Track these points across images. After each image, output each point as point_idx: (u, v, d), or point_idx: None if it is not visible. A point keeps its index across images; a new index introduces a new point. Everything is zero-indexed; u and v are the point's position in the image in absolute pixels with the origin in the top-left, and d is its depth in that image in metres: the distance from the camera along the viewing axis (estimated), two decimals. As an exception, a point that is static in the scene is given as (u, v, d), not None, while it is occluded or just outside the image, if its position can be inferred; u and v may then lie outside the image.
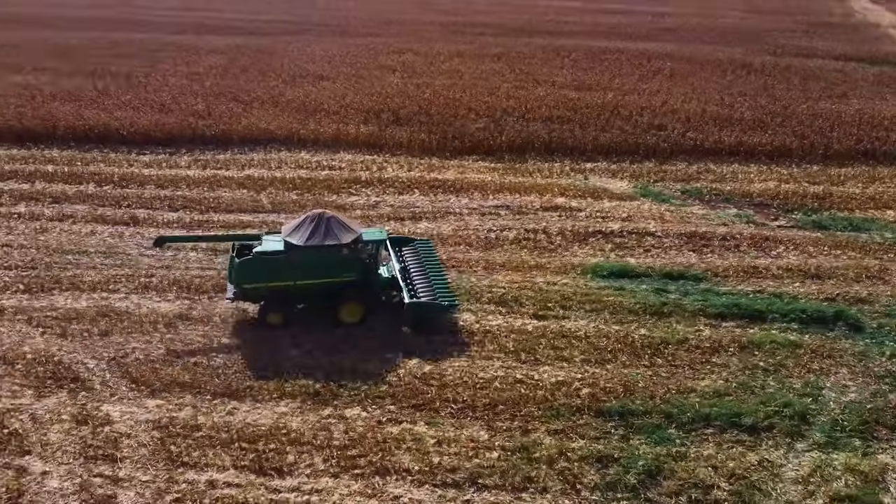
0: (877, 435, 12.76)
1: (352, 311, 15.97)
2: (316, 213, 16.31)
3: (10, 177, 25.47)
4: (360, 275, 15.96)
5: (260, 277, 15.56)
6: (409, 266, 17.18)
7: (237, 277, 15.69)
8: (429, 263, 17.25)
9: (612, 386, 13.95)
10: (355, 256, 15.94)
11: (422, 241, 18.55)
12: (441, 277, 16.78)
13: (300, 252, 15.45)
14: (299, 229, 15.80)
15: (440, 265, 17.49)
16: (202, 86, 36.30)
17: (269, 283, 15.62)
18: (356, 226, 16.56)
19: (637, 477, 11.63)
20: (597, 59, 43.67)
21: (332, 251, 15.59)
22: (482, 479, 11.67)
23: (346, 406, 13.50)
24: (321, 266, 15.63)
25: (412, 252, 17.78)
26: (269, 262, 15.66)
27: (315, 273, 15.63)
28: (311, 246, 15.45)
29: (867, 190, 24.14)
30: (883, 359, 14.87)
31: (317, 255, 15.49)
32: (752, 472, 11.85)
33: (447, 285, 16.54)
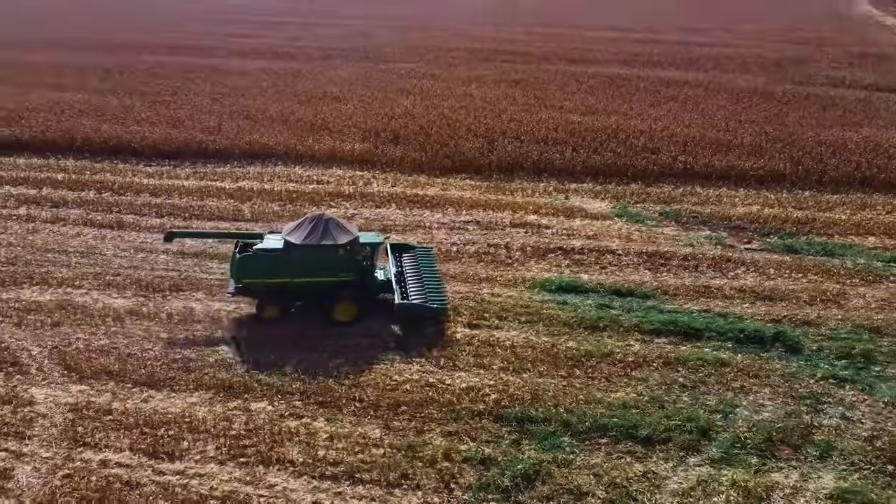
0: (777, 454, 12.36)
1: (345, 310, 16.45)
2: (315, 214, 17.01)
3: (22, 182, 27.14)
4: (356, 275, 16.48)
5: (259, 273, 16.26)
6: (406, 270, 17.61)
7: (237, 273, 16.40)
8: (426, 269, 17.67)
9: (520, 393, 13.93)
10: (351, 257, 16.43)
11: (423, 249, 19.06)
12: (436, 282, 17.18)
13: (298, 250, 16.04)
14: (298, 229, 16.44)
15: (436, 271, 17.87)
16: (221, 105, 37.87)
17: (267, 280, 16.31)
18: (354, 228, 17.09)
19: (512, 480, 11.60)
20: (613, 85, 43.65)
21: (329, 251, 16.11)
22: (360, 474, 11.84)
23: (255, 399, 13.89)
24: (317, 265, 16.15)
25: (412, 258, 18.26)
26: (268, 259, 16.28)
27: (311, 271, 16.15)
28: (308, 245, 16.04)
29: (854, 216, 23.38)
30: (811, 381, 14.39)
31: (313, 254, 16.04)
32: (633, 483, 11.66)
33: (440, 290, 16.87)
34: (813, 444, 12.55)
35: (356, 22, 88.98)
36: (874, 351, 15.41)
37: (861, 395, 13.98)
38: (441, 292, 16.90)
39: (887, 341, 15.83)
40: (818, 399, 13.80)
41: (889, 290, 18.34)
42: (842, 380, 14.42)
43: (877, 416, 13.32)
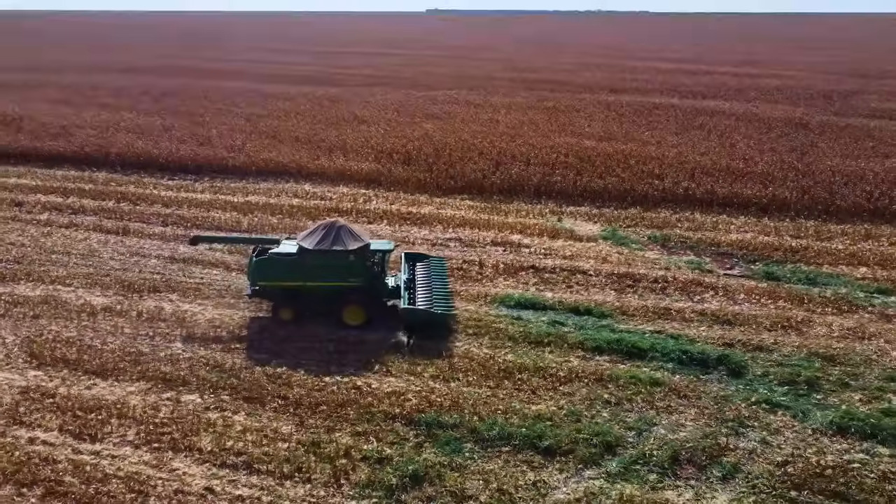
0: (679, 473, 12.07)
1: (354, 313, 17.02)
2: (329, 221, 17.76)
3: (53, 192, 29.20)
4: (366, 281, 17.02)
5: (274, 276, 17.02)
6: (416, 278, 18.18)
7: (254, 275, 17.23)
8: (436, 277, 18.24)
9: (441, 400, 14.08)
10: (361, 263, 16.95)
11: (436, 259, 19.68)
12: (443, 290, 17.68)
13: (310, 255, 16.72)
14: (312, 235, 17.19)
15: (446, 280, 18.40)
16: (254, 126, 39.74)
17: (281, 282, 17.05)
18: (366, 236, 17.68)
19: (401, 479, 11.74)
20: (644, 113, 43.47)
21: (340, 256, 16.71)
22: (258, 465, 12.23)
23: (188, 392, 14.52)
24: (329, 269, 16.77)
25: (424, 267, 18.89)
26: (283, 262, 17.00)
27: (323, 275, 16.80)
28: (320, 250, 16.72)
29: (853, 247, 22.51)
30: (742, 404, 13.97)
31: (325, 259, 16.69)
32: (520, 490, 11.62)
33: (447, 297, 17.34)
34: (719, 466, 12.18)
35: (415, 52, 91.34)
36: (821, 379, 14.82)
37: (791, 421, 13.47)
38: (448, 299, 17.30)
39: (838, 370, 15.19)
40: (742, 422, 13.37)
41: (859, 319, 17.58)
42: (776, 405, 13.93)
43: (799, 443, 12.82)
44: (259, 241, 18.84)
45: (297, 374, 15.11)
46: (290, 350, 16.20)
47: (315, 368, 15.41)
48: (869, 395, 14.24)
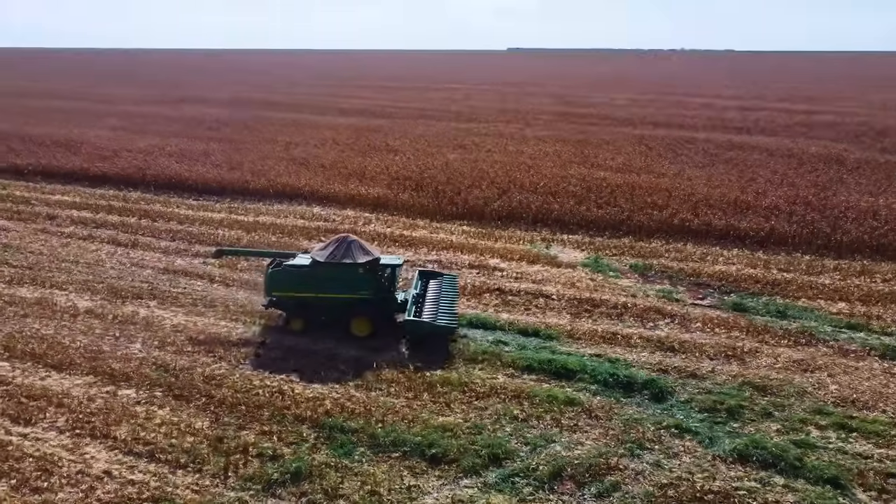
0: (556, 488, 12.06)
1: (361, 325, 17.74)
2: (342, 235, 18.68)
3: (87, 208, 31.56)
4: (375, 294, 17.69)
5: (287, 287, 17.89)
6: (426, 293, 18.91)
7: (268, 286, 18.18)
8: (445, 293, 18.83)
9: (354, 407, 14.52)
10: (370, 277, 17.68)
11: (448, 276, 20.34)
12: (450, 305, 18.17)
13: (322, 267, 17.56)
14: (325, 248, 18.15)
15: (454, 296, 18.92)
16: (287, 153, 41.68)
17: (294, 293, 17.89)
18: (376, 251, 18.48)
19: (282, 475, 12.24)
20: (674, 147, 43.08)
21: (350, 269, 17.49)
22: (159, 454, 12.97)
23: (126, 388, 15.51)
24: (339, 281, 17.55)
25: (436, 283, 19.56)
26: (295, 274, 17.89)
27: (333, 287, 17.57)
28: (331, 262, 17.57)
29: (841, 282, 21.66)
30: (651, 428, 13.76)
31: (335, 272, 17.49)
32: (392, 493, 11.89)
33: (452, 312, 17.82)
34: (599, 483, 12.09)
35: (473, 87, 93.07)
36: (745, 408, 14.42)
37: (694, 447, 13.19)
38: (452, 313, 17.75)
39: (766, 400, 14.74)
40: (642, 444, 13.19)
41: (813, 353, 16.96)
42: (686, 430, 13.66)
43: (692, 467, 12.55)
44: (277, 255, 19.67)
45: (231, 377, 15.89)
46: (238, 356, 17.02)
47: (250, 372, 16.18)
48: (788, 427, 13.78)
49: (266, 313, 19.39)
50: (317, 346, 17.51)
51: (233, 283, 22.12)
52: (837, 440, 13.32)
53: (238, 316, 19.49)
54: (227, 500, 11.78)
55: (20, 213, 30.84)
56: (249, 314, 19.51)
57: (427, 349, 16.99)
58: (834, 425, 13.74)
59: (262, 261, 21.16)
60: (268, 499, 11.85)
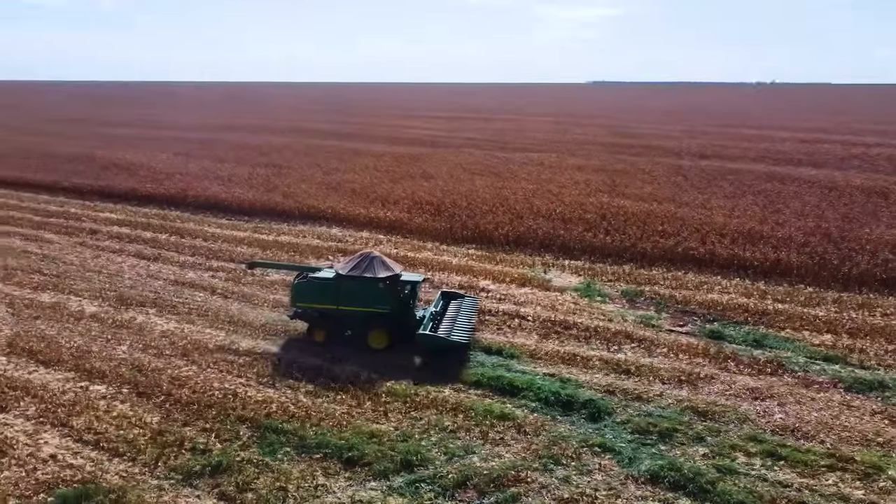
0: (457, 495, 12.27)
1: (378, 338, 18.39)
2: (366, 251, 19.49)
3: (126, 224, 33.88)
4: (393, 308, 18.18)
5: (310, 299, 18.76)
6: (445, 311, 19.59)
7: (293, 297, 19.12)
8: (464, 312, 19.46)
9: (297, 411, 15.14)
10: (389, 291, 18.26)
11: (470, 297, 20.96)
12: (466, 323, 18.71)
13: (344, 280, 18.36)
14: (349, 262, 18.99)
15: (472, 315, 19.49)
16: (325, 178, 43.36)
17: (317, 305, 18.77)
18: (397, 267, 19.18)
19: (203, 468, 12.98)
20: (710, 178, 42.41)
21: (370, 283, 18.20)
22: (104, 443, 13.94)
23: (99, 384, 16.69)
24: (360, 295, 18.24)
25: (457, 303, 20.24)
26: (319, 286, 18.76)
27: (354, 300, 18.31)
28: (352, 276, 18.37)
29: (836, 315, 20.84)
30: (575, 444, 13.77)
31: (356, 285, 18.21)
32: (300, 490, 12.40)
33: (466, 330, 18.30)
34: (501, 493, 12.24)
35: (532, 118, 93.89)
36: (679, 431, 14.20)
37: (611, 465, 13.13)
38: (466, 331, 18.20)
39: (704, 425, 14.46)
40: (559, 460, 13.25)
41: (772, 382, 16.45)
42: (609, 449, 13.61)
43: (601, 485, 12.49)
44: (306, 269, 20.57)
45: (195, 379, 16.85)
46: (209, 361, 18.03)
47: (215, 376, 17.11)
48: (716, 452, 13.50)
49: (250, 322, 20.45)
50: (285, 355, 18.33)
51: (230, 295, 23.31)
52: (761, 467, 12.97)
53: (223, 325, 20.57)
54: (148, 487, 12.60)
55: (68, 227, 33.38)
56: (234, 323, 20.58)
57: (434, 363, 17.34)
58: (763, 453, 13.38)
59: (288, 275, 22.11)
60: (184, 488, 12.60)
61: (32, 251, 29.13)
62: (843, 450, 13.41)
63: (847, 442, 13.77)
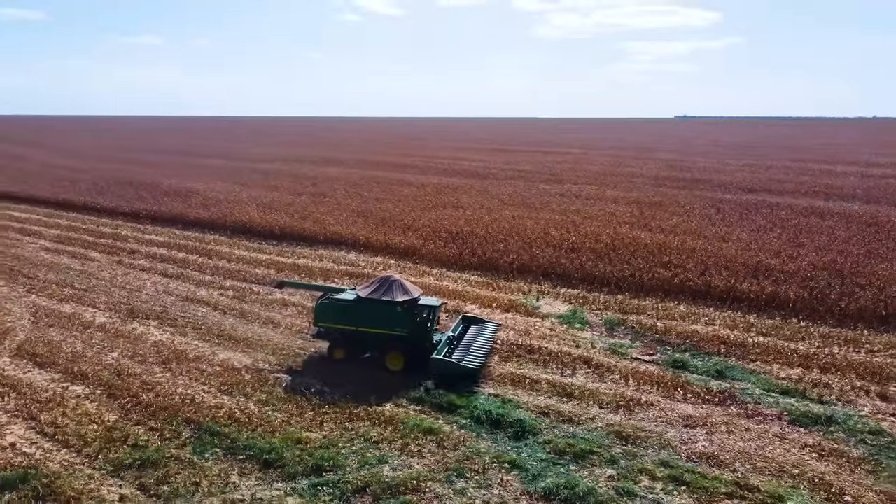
0: (352, 499, 12.85)
1: (394, 360, 18.89)
2: (386, 275, 20.26)
3: (164, 245, 36.25)
4: (411, 332, 18.52)
5: (331, 319, 19.56)
6: (463, 336, 20.05)
7: (315, 317, 19.98)
8: (481, 338, 19.93)
9: (242, 417, 16.03)
10: (407, 315, 18.51)
11: (491, 323, 21.43)
12: (480, 349, 19.07)
13: (363, 303, 18.72)
14: (369, 286, 19.79)
15: (488, 342, 19.87)
16: (360, 206, 44.91)
17: (337, 325, 19.19)
18: (416, 291, 19.29)
19: (133, 461, 14.05)
20: (745, 211, 41.59)
21: (388, 307, 18.46)
22: (59, 436, 15.27)
23: (80, 385, 18.12)
24: (378, 317, 18.54)
25: (476, 328, 20.74)
26: (340, 307, 19.53)
27: (373, 322, 18.63)
28: (371, 299, 18.72)
29: (817, 350, 20.21)
30: (487, 459, 14.10)
31: (375, 308, 18.51)
32: (211, 486, 13.24)
33: (479, 356, 18.69)
34: (394, 500, 12.73)
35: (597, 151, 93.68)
36: (594, 454, 14.26)
37: (513, 481, 13.36)
38: (479, 357, 18.52)
39: (622, 449, 14.46)
40: (463, 473, 13.61)
41: (713, 411, 16.22)
42: (517, 466, 13.84)
43: (495, 499, 12.77)
44: (331, 290, 21.27)
45: (164, 385, 18.12)
46: (184, 369, 19.32)
47: (182, 383, 18.33)
48: (623, 474, 13.54)
49: (236, 336, 21.75)
50: (254, 365, 19.41)
51: (229, 312, 24.73)
52: (661, 492, 12.94)
53: (210, 337, 21.90)
54: (80, 475, 13.77)
55: (112, 247, 36.06)
56: (221, 336, 21.90)
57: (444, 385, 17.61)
58: (668, 478, 13.31)
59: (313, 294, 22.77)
60: (111, 478, 13.70)
61: (74, 267, 31.67)
62: (751, 479, 13.18)
63: (760, 472, 13.51)
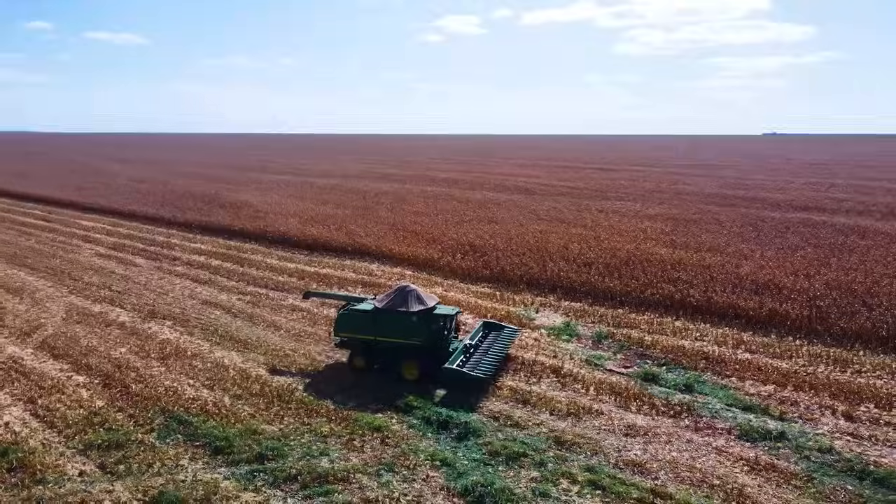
0: (282, 486, 13.66)
1: (410, 369, 18.76)
2: (403, 284, 20.81)
3: (204, 254, 38.39)
4: (427, 341, 18.63)
5: (350, 329, 19.53)
6: (479, 343, 20.39)
7: (335, 327, 20.63)
8: (497, 346, 19.86)
9: (214, 409, 17.08)
10: (422, 324, 18.69)
11: (510, 329, 21.84)
12: (494, 357, 19.46)
13: (380, 313, 19.06)
14: (387, 296, 20.36)
15: (505, 349, 20.26)
16: (397, 220, 46.14)
17: (356, 335, 19.51)
18: (432, 301, 19.42)
19: (103, 443, 15.30)
20: (781, 229, 40.58)
21: (404, 317, 18.75)
22: (48, 417, 16.76)
23: (82, 374, 19.81)
24: (394, 327, 18.80)
25: (495, 335, 21.06)
26: (358, 317, 20.16)
27: (389, 332, 18.86)
28: (387, 309, 19.09)
29: (800, 369, 19.72)
30: (421, 457, 14.69)
31: (391, 318, 18.80)
32: (161, 467, 14.31)
33: (492, 364, 18.99)
34: (319, 488, 13.46)
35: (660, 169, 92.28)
36: (527, 456, 14.59)
37: (438, 477, 13.88)
38: (491, 365, 18.82)
39: (555, 454, 14.70)
40: (393, 468, 14.24)
41: (661, 422, 16.20)
42: (447, 464, 14.35)
43: (413, 491, 13.33)
44: (356, 300, 21.60)
45: (157, 378, 19.57)
46: (179, 365, 20.78)
47: (172, 377, 19.74)
48: (546, 476, 13.82)
49: (239, 337, 23.10)
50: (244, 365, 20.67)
51: (239, 315, 26.19)
52: (575, 494, 13.19)
53: (214, 337, 23.34)
54: (55, 451, 15.21)
55: (157, 254, 38.54)
56: (223, 336, 23.32)
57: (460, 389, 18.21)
58: (588, 482, 13.54)
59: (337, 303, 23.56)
60: (78, 456, 15.07)
61: (117, 272, 34.13)
62: (668, 488, 13.26)
63: (681, 481, 13.55)
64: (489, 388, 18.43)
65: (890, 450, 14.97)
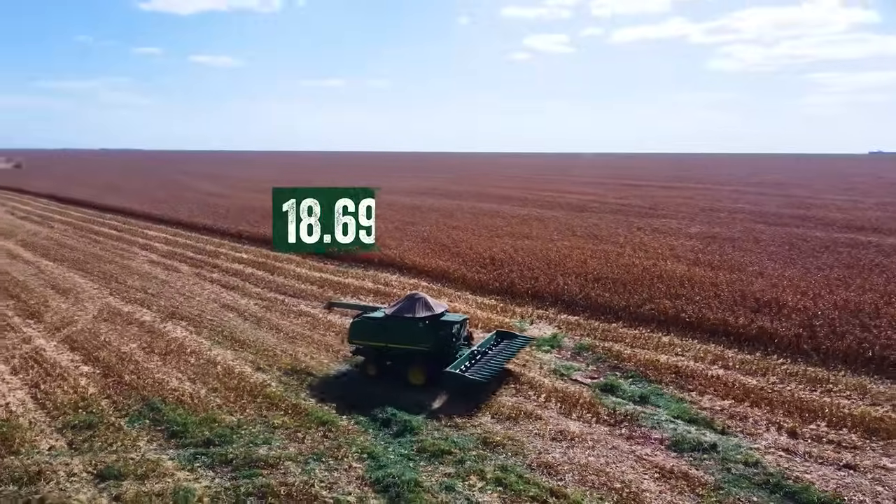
0: (216, 467, 14.91)
1: (416, 374, 19.15)
2: (412, 293, 21.80)
3: (244, 262, 40.65)
4: (434, 347, 19.02)
5: (363, 336, 20.03)
6: (488, 350, 20.98)
7: (350, 335, 21.56)
8: (504, 351, 20.28)
9: (188, 400, 18.63)
10: (430, 331, 19.09)
11: (522, 337, 22.56)
12: (497, 361, 20.14)
13: (390, 320, 19.55)
14: (397, 303, 21.28)
15: (512, 354, 20.93)
16: (433, 233, 47.30)
17: (368, 342, 20.05)
18: (440, 307, 19.88)
19: (79, 423, 16.96)
20: (818, 249, 39.20)
21: (411, 323, 19.20)
22: (44, 400, 18.62)
23: (88, 366, 21.86)
24: (403, 334, 19.20)
25: (506, 342, 21.68)
26: (371, 325, 21.02)
27: (398, 338, 19.27)
28: (396, 316, 19.60)
29: (767, 385, 19.45)
30: (353, 450, 15.57)
31: (400, 324, 19.25)
32: (118, 448, 15.88)
33: (492, 369, 19.60)
34: (247, 470, 14.60)
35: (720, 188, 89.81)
36: (448, 453, 15.18)
37: (360, 467, 14.72)
38: (491, 370, 19.40)
39: (478, 453, 15.18)
40: (321, 458, 15.19)
41: (595, 430, 16.46)
42: (373, 457, 15.09)
43: (329, 478, 14.25)
44: (374, 309, 22.18)
45: (151, 372, 21.26)
46: (176, 360, 22.52)
47: (165, 370, 21.43)
48: (459, 473, 14.39)
49: (240, 338, 24.73)
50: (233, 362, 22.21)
51: (249, 318, 27.89)
52: (478, 490, 13.72)
53: (217, 337, 25.03)
54: (37, 429, 17.00)
55: (202, 262, 41.13)
56: (226, 336, 24.98)
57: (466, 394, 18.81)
58: (494, 480, 14.02)
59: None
60: (54, 433, 16.80)
61: (159, 277, 36.75)
62: (568, 489, 13.62)
63: (583, 484, 13.87)
64: (487, 391, 18.91)
65: (818, 466, 14.73)
